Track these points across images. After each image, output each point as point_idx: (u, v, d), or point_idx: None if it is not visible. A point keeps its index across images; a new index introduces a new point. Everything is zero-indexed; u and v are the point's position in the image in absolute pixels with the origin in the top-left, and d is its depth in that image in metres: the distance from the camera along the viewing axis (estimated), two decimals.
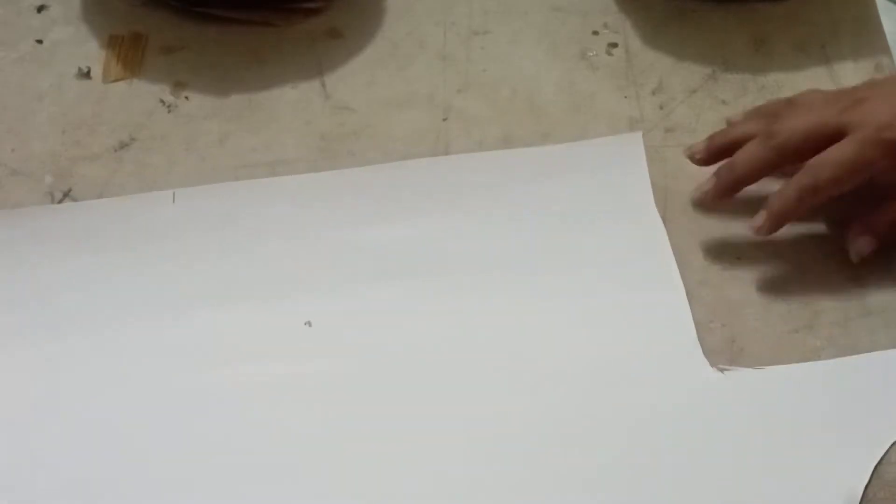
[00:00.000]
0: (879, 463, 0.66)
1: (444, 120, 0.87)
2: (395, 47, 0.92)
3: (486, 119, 0.87)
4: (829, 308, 0.74)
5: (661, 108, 0.86)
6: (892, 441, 0.67)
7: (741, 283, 0.75)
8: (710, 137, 0.79)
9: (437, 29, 0.93)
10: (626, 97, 0.88)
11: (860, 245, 0.74)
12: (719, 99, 0.87)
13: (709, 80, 0.88)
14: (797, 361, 0.72)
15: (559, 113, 0.87)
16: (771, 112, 0.78)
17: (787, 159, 0.74)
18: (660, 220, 0.78)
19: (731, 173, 0.75)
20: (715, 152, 0.77)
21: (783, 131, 0.73)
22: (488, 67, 0.90)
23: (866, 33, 0.91)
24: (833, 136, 0.72)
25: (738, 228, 0.77)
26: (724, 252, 0.77)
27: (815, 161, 0.72)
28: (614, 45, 0.91)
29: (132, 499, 0.67)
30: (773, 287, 0.75)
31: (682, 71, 0.89)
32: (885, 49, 0.89)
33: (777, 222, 0.73)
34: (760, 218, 0.73)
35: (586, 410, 0.69)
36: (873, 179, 0.73)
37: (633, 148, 0.82)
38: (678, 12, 0.93)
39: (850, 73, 0.88)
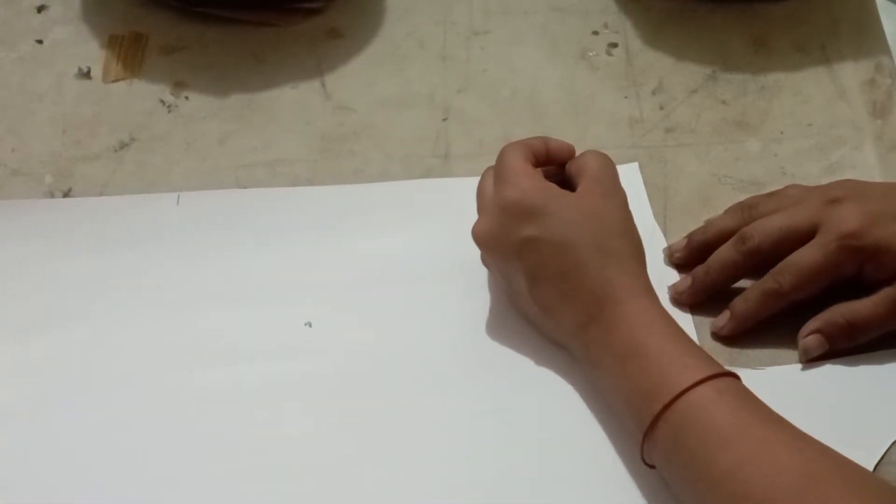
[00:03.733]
0: (879, 463, 0.66)
1: (444, 120, 0.87)
2: (395, 47, 0.92)
3: (486, 119, 0.87)
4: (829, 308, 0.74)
5: (661, 108, 0.86)
6: (892, 441, 0.67)
7: (741, 283, 0.75)
8: (689, 236, 0.77)
9: (437, 29, 0.93)
10: (626, 97, 0.88)
11: (809, 344, 0.72)
12: (719, 99, 0.87)
13: (709, 80, 0.88)
14: (797, 361, 0.72)
15: (559, 113, 0.87)
16: (748, 206, 0.76)
17: (760, 262, 0.73)
18: (660, 233, 0.78)
19: (705, 277, 0.75)
20: (694, 251, 0.76)
21: (755, 235, 0.73)
22: (488, 67, 0.90)
23: (866, 33, 0.91)
24: (804, 238, 0.72)
25: None
26: None
27: (780, 266, 0.72)
28: (614, 45, 0.91)
29: (132, 497, 0.67)
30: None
31: (682, 71, 0.89)
32: (885, 49, 0.89)
33: (740, 326, 0.73)
34: (723, 319, 0.73)
35: (587, 410, 0.69)
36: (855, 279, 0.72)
37: (631, 176, 0.81)
38: (678, 12, 0.93)
39: (850, 73, 0.88)
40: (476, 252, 0.73)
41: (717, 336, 0.73)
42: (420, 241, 0.79)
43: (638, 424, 0.64)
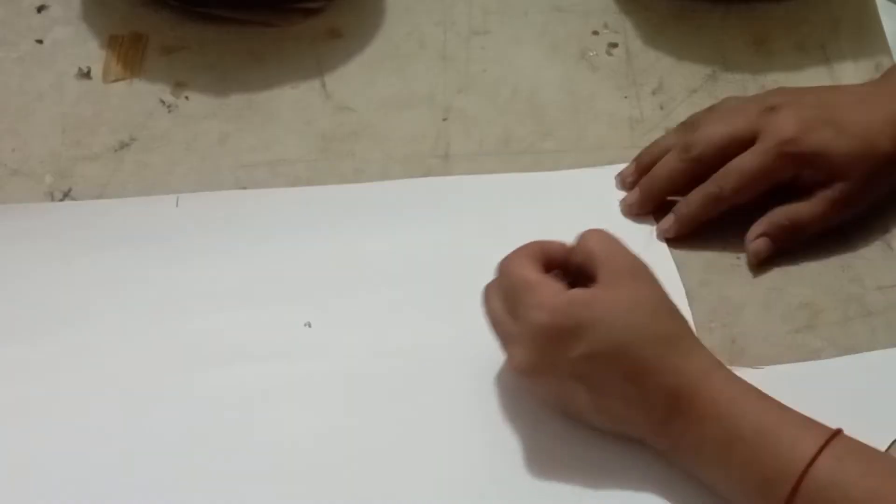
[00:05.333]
0: None
1: (444, 120, 0.87)
2: (395, 47, 0.92)
3: (486, 119, 0.87)
4: (829, 308, 0.74)
5: (661, 108, 0.86)
6: (892, 441, 0.67)
7: (741, 283, 0.75)
8: (637, 158, 0.81)
9: (437, 29, 0.93)
10: (626, 97, 0.88)
11: (758, 247, 0.76)
12: (719, 99, 0.86)
13: (709, 80, 0.88)
14: (797, 361, 0.72)
15: (559, 113, 0.87)
16: (690, 123, 0.79)
17: (704, 169, 0.76)
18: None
19: (650, 186, 0.78)
20: (643, 172, 0.79)
21: (698, 144, 0.76)
22: (488, 67, 0.90)
23: (866, 33, 0.91)
24: (745, 145, 0.75)
25: (738, 230, 0.77)
26: (724, 252, 0.77)
27: (721, 171, 0.75)
28: (614, 45, 0.91)
29: (132, 498, 0.67)
30: (773, 287, 0.75)
31: (682, 71, 0.89)
32: (885, 49, 0.89)
33: (682, 227, 0.77)
34: (668, 222, 0.77)
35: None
36: (793, 182, 0.75)
37: None
38: (678, 12, 0.93)
39: (850, 73, 0.88)
40: (476, 252, 0.74)
41: (664, 237, 0.76)
42: (420, 240, 0.79)
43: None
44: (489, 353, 0.72)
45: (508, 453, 0.68)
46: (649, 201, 0.78)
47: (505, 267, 0.68)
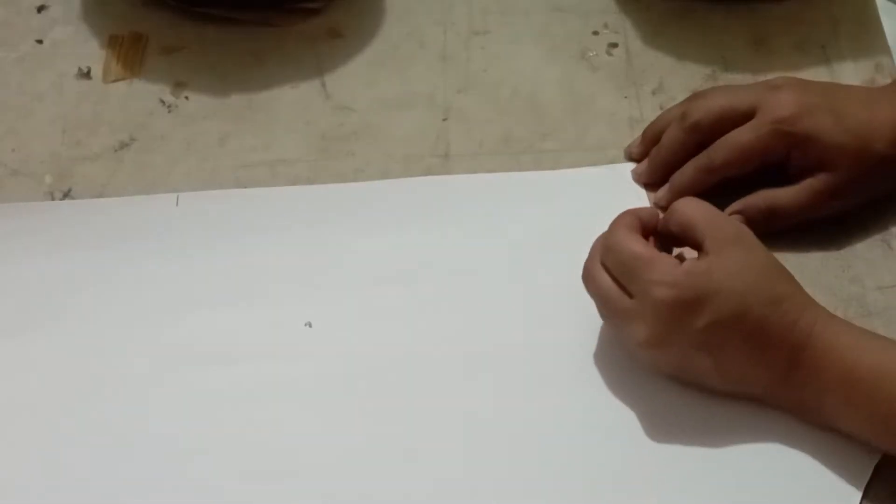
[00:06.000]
0: (879, 463, 0.66)
1: (444, 120, 0.87)
2: (395, 47, 0.92)
3: (486, 119, 0.87)
4: (829, 308, 0.73)
5: (661, 108, 0.86)
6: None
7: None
8: (643, 131, 0.82)
9: (437, 29, 0.93)
10: (626, 97, 0.88)
11: None
12: None
13: (709, 80, 0.88)
14: None
15: (559, 113, 0.87)
16: (695, 95, 0.81)
17: (701, 138, 0.77)
18: None
19: (655, 155, 0.80)
20: (648, 142, 0.81)
21: (697, 112, 0.77)
22: (488, 67, 0.90)
23: (866, 33, 0.91)
24: (743, 119, 0.76)
25: None
26: None
27: (715, 144, 0.76)
28: (614, 45, 0.91)
29: (132, 497, 0.67)
30: None
31: (682, 71, 0.89)
32: (886, 49, 0.89)
33: (675, 196, 0.77)
34: (663, 191, 0.79)
35: (587, 409, 0.69)
36: (784, 167, 0.76)
37: (630, 176, 0.82)
38: (678, 12, 0.93)
39: (850, 73, 0.88)
40: (476, 251, 0.74)
41: (658, 206, 0.77)
42: (420, 240, 0.79)
43: (893, 433, 0.63)
44: (489, 353, 0.72)
45: (509, 453, 0.68)
46: (657, 170, 0.79)
47: (612, 243, 0.68)
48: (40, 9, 0.96)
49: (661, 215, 0.71)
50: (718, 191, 0.77)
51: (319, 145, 0.85)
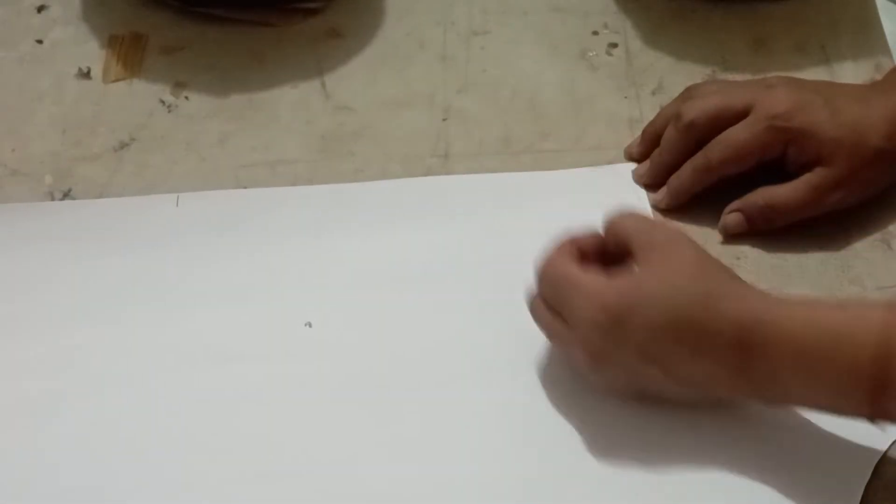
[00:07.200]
0: (879, 463, 0.66)
1: (444, 120, 0.87)
2: (395, 47, 0.92)
3: (486, 119, 0.87)
4: None
5: (661, 108, 0.86)
6: (892, 441, 0.67)
7: None
8: (643, 131, 0.82)
9: (437, 29, 0.93)
10: (626, 97, 0.88)
11: (728, 222, 0.76)
12: None
13: (709, 80, 0.88)
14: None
15: (559, 113, 0.87)
16: (689, 94, 0.81)
17: (699, 137, 0.77)
18: None
19: (657, 157, 0.80)
20: (647, 142, 0.81)
21: (691, 112, 0.77)
22: (488, 67, 0.90)
23: (866, 33, 0.91)
24: (738, 117, 0.76)
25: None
26: (723, 252, 0.77)
27: (711, 143, 0.76)
28: (614, 45, 0.91)
29: (132, 497, 0.67)
30: (773, 287, 0.75)
31: (682, 71, 0.89)
32: (885, 49, 0.89)
33: (675, 199, 0.78)
34: (661, 194, 0.79)
35: (587, 409, 0.69)
36: (781, 164, 0.76)
37: (630, 176, 0.82)
38: (678, 12, 0.93)
39: (850, 73, 0.88)
40: (475, 251, 0.74)
41: (658, 208, 0.78)
42: (420, 240, 0.79)
43: (854, 395, 0.61)
44: (490, 352, 0.72)
45: (509, 453, 0.68)
46: (655, 172, 0.80)
47: (542, 273, 0.68)
48: (40, 9, 0.96)
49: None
50: (717, 190, 0.77)
51: (319, 145, 0.85)
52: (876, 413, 0.61)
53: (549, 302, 0.68)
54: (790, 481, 0.65)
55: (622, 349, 0.65)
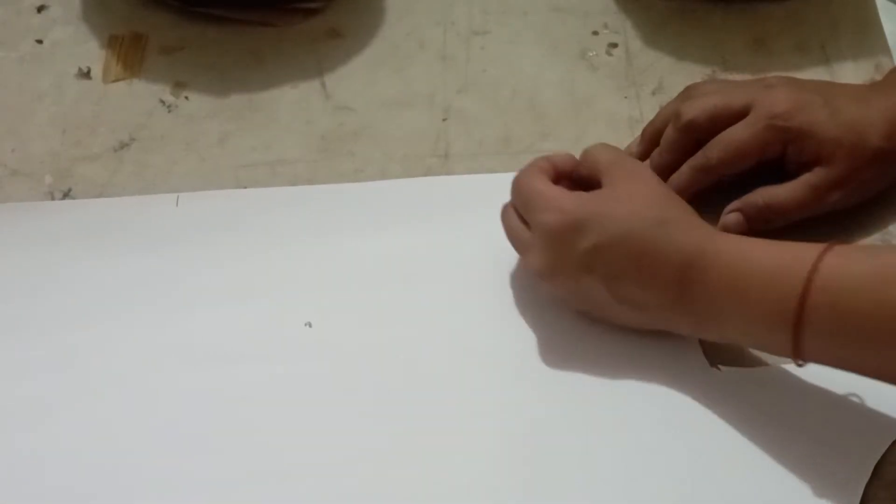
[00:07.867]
0: (879, 463, 0.66)
1: (444, 120, 0.87)
2: (395, 47, 0.92)
3: (486, 119, 0.87)
4: None
5: (661, 107, 0.86)
6: (892, 441, 0.67)
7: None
8: (643, 130, 0.82)
9: (437, 29, 0.93)
10: (626, 97, 0.88)
11: (728, 221, 0.76)
12: None
13: (709, 79, 0.88)
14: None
15: (559, 113, 0.87)
16: (688, 94, 0.80)
17: (698, 136, 0.77)
18: None
19: (657, 158, 0.79)
20: (648, 143, 0.81)
21: (690, 111, 0.77)
22: (488, 67, 0.90)
23: (866, 33, 0.91)
24: (738, 117, 0.76)
25: None
26: None
27: (710, 143, 0.76)
28: (614, 45, 0.91)
29: (131, 497, 0.67)
30: None
31: (682, 71, 0.89)
32: (885, 49, 0.89)
33: None
34: None
35: (587, 409, 0.69)
36: (781, 164, 0.76)
37: None
38: (678, 12, 0.93)
39: (850, 73, 0.88)
40: (476, 251, 0.73)
41: None
42: (420, 240, 0.79)
43: (781, 330, 0.62)
44: (490, 352, 0.72)
45: (509, 453, 0.68)
46: (656, 172, 0.78)
47: (517, 182, 0.73)
48: (40, 9, 0.96)
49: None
50: (717, 190, 0.77)
51: (319, 145, 0.85)
52: (796, 352, 0.63)
53: (518, 210, 0.72)
54: (790, 481, 0.65)
55: (569, 256, 0.69)
